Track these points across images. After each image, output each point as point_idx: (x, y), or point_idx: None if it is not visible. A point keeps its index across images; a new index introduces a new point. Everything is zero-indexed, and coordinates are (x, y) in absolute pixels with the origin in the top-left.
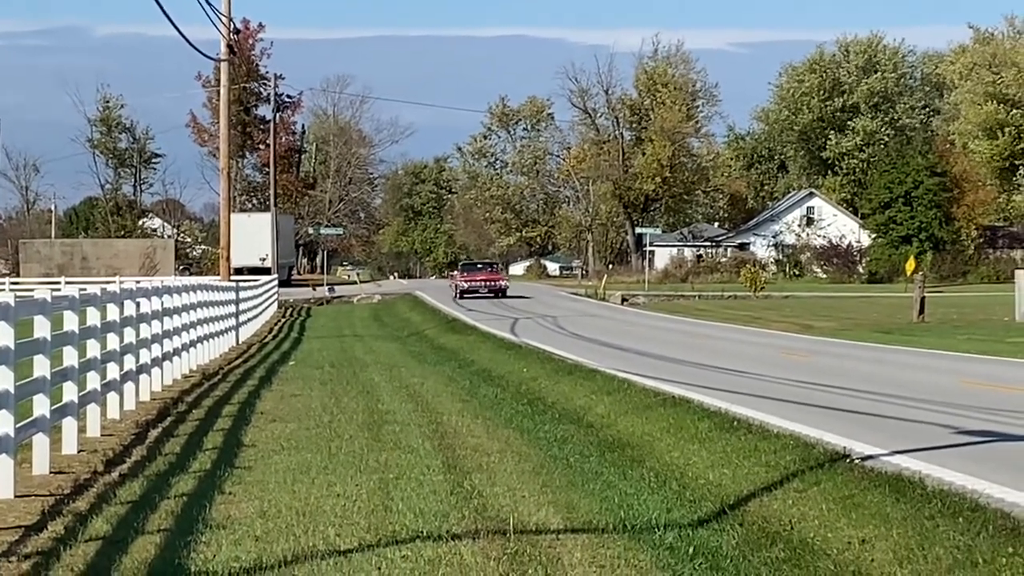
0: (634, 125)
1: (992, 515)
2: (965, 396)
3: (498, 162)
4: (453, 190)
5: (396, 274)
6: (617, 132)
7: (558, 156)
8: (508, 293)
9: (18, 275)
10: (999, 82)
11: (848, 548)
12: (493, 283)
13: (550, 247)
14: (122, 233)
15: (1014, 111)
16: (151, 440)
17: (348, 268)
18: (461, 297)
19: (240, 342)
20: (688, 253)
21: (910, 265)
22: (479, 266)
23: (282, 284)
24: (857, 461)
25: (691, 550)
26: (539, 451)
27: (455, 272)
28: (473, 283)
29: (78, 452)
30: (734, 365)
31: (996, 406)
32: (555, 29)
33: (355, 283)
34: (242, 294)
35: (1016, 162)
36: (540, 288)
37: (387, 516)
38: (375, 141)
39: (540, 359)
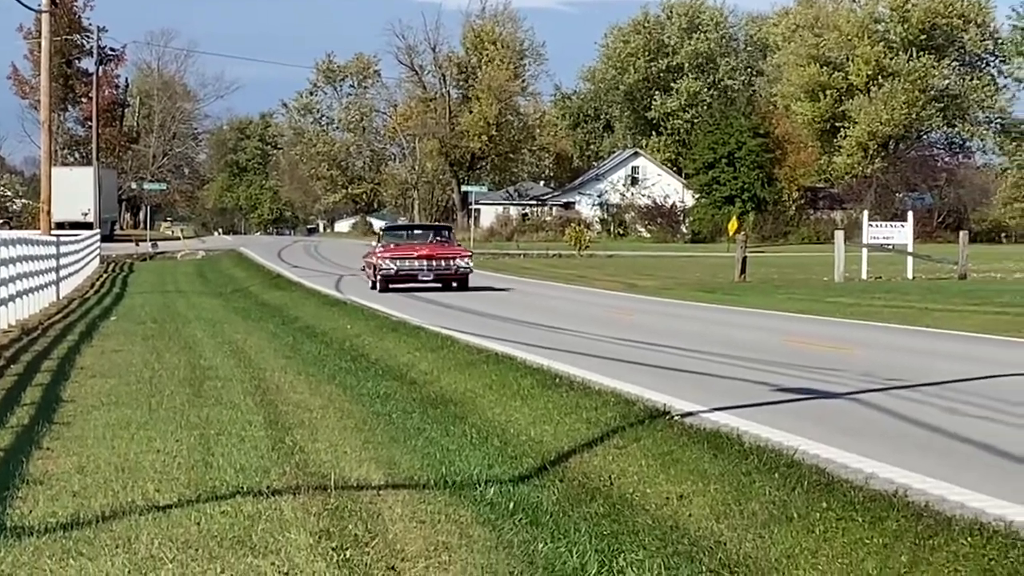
0: (461, 83)
1: (807, 470)
2: (786, 354)
3: (324, 119)
4: (279, 146)
5: (220, 230)
6: (444, 90)
7: (385, 113)
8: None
9: None
10: (821, 44)
11: (666, 503)
12: (445, 264)
13: (376, 204)
14: None
15: (836, 73)
16: None
17: (172, 224)
18: (386, 289)
19: (61, 297)
20: (514, 212)
21: (732, 225)
22: (417, 232)
23: (104, 239)
24: (677, 418)
25: (512, 505)
26: (362, 407)
27: (373, 244)
28: (409, 264)
29: None
30: (558, 323)
31: (815, 364)
32: None
33: (179, 239)
34: (63, 248)
35: (837, 124)
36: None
37: (207, 472)
38: (200, 96)
39: (364, 316)
